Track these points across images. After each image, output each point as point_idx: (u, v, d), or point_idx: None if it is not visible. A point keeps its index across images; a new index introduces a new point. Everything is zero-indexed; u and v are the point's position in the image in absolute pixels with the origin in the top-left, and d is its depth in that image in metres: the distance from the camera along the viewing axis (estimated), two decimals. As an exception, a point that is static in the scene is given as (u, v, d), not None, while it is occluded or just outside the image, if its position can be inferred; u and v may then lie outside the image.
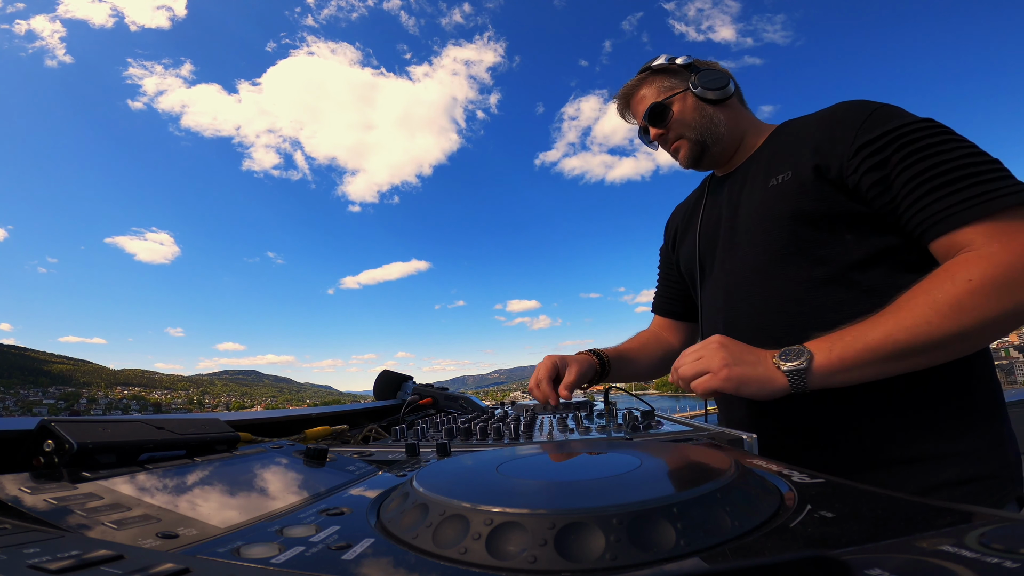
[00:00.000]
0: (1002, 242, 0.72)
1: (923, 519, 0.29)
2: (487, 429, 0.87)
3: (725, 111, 1.09)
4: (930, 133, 0.80)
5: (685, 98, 1.09)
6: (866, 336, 0.76)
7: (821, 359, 0.77)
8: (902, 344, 0.73)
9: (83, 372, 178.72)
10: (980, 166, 0.76)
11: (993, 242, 0.72)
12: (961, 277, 0.72)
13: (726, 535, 0.30)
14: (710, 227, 1.14)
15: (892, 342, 0.74)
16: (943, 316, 0.71)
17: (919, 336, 0.72)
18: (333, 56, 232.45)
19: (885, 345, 0.74)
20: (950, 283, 0.72)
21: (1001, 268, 0.70)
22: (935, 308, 0.72)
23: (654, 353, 1.34)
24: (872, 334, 0.75)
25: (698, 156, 1.12)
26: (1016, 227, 0.72)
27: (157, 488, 0.43)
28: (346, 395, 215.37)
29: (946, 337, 0.71)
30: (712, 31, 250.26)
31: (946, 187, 0.77)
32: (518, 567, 0.28)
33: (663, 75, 1.13)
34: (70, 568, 0.23)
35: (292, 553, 0.30)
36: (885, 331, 0.75)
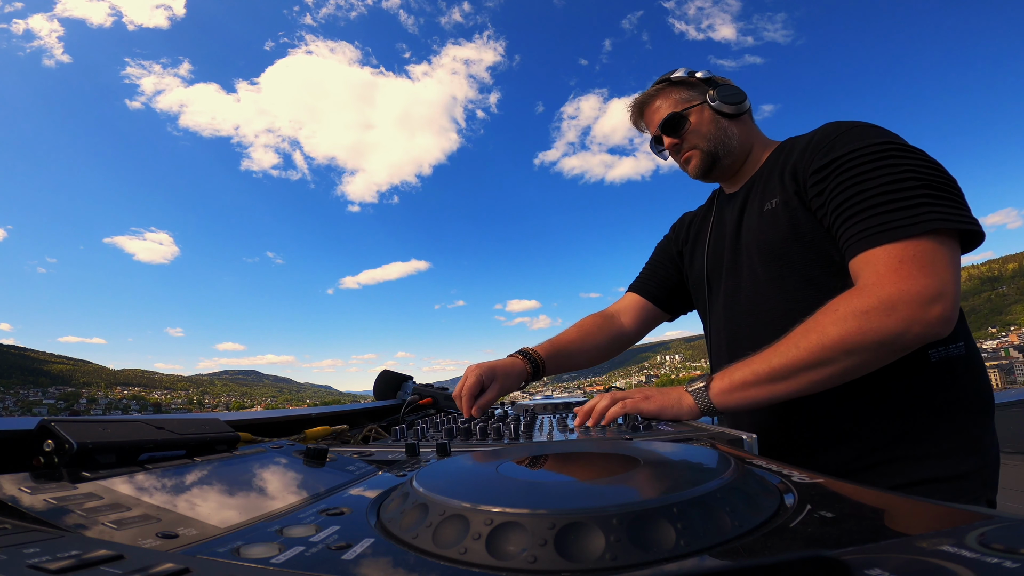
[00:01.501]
0: (879, 272, 0.77)
1: (923, 519, 0.29)
2: (487, 429, 0.87)
3: (738, 126, 1.12)
4: (870, 158, 0.83)
5: (703, 110, 1.12)
6: (753, 362, 0.86)
7: (717, 383, 0.89)
8: (777, 368, 0.82)
9: (83, 372, 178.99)
10: (898, 193, 0.79)
11: (873, 272, 0.78)
12: (832, 307, 0.79)
13: (726, 535, 0.30)
14: (716, 247, 1.17)
15: (768, 367, 0.83)
16: (809, 342, 0.79)
17: (790, 360, 0.80)
18: (332, 55, 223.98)
19: (764, 369, 0.83)
20: (823, 313, 0.80)
21: (867, 299, 0.75)
22: (805, 335, 0.80)
23: (598, 339, 1.36)
24: (757, 360, 0.85)
25: (709, 167, 1.14)
26: (899, 259, 0.76)
27: (157, 488, 0.43)
28: (346, 395, 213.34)
29: (813, 360, 0.78)
30: (712, 30, 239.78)
31: (859, 215, 0.82)
32: (518, 567, 0.28)
33: (681, 87, 1.15)
34: (70, 568, 0.23)
35: (292, 553, 0.30)
36: (765, 358, 0.84)
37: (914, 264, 0.75)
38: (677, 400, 0.92)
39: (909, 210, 0.77)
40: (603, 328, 1.37)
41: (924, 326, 0.74)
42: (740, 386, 0.86)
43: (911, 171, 0.80)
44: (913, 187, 0.79)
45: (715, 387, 0.89)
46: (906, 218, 0.77)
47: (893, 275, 0.75)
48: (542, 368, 1.25)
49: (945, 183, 0.80)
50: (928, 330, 0.74)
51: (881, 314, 0.74)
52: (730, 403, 0.88)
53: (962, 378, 0.90)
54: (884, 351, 0.76)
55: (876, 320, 0.74)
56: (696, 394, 0.91)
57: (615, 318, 1.40)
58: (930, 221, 0.76)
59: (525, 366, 1.21)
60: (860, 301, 0.76)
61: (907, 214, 0.77)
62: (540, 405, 1.32)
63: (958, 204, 0.79)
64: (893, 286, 0.75)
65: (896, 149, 0.83)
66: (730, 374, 0.88)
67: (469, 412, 1.08)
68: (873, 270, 0.78)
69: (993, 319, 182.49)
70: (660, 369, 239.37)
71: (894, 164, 0.81)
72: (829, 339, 0.77)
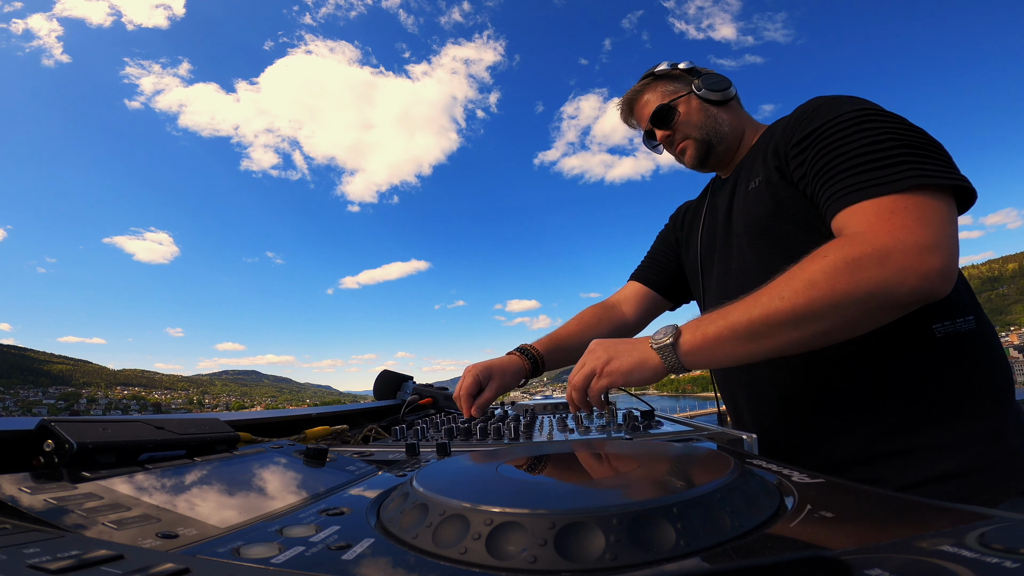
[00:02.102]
0: (870, 222, 0.71)
1: (923, 519, 0.29)
2: (487, 429, 0.87)
3: (727, 112, 1.13)
4: (846, 124, 0.80)
5: (690, 100, 1.13)
6: (728, 314, 0.76)
7: (687, 336, 0.79)
8: (756, 321, 0.73)
9: (83, 372, 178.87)
10: (879, 153, 0.75)
11: (862, 224, 0.72)
12: (820, 255, 0.71)
13: (726, 535, 0.30)
14: (710, 232, 1.17)
15: (747, 319, 0.74)
16: (794, 292, 0.71)
17: (771, 312, 0.72)
18: (332, 55, 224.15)
19: (741, 322, 0.74)
20: (809, 262, 0.72)
21: (858, 247, 0.69)
22: (789, 284, 0.72)
23: (598, 331, 1.34)
24: (733, 312, 0.76)
25: (704, 156, 1.14)
26: (889, 209, 0.71)
27: (157, 488, 0.43)
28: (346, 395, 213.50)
29: (797, 313, 0.70)
30: (712, 29, 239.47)
31: (840, 175, 0.77)
32: (518, 567, 0.28)
33: (666, 80, 1.16)
34: (70, 568, 0.23)
35: (292, 553, 0.30)
36: (744, 309, 0.75)
37: (907, 215, 0.69)
38: (641, 361, 0.83)
39: (894, 167, 0.73)
40: (603, 319, 1.36)
41: (920, 278, 0.66)
42: (714, 342, 0.77)
43: (889, 133, 0.77)
44: (894, 147, 0.75)
45: (685, 343, 0.80)
46: (893, 174, 0.73)
47: (886, 224, 0.70)
48: (541, 364, 1.24)
49: (927, 143, 0.76)
50: (924, 284, 0.67)
51: (874, 263, 0.67)
52: (699, 362, 0.80)
53: (973, 356, 0.83)
54: (875, 306, 0.69)
55: (868, 269, 0.67)
56: (663, 352, 0.81)
57: (616, 308, 1.39)
58: (918, 176, 0.71)
59: (523, 363, 1.20)
60: (851, 249, 0.70)
61: (893, 171, 0.73)
62: (540, 405, 1.32)
63: (944, 162, 0.75)
64: (887, 235, 0.68)
65: (873, 114, 0.80)
66: (703, 327, 0.79)
67: (468, 412, 1.08)
68: (863, 220, 0.73)
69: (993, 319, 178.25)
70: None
71: (872, 128, 0.78)
72: (817, 290, 0.69)
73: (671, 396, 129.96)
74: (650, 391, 16.12)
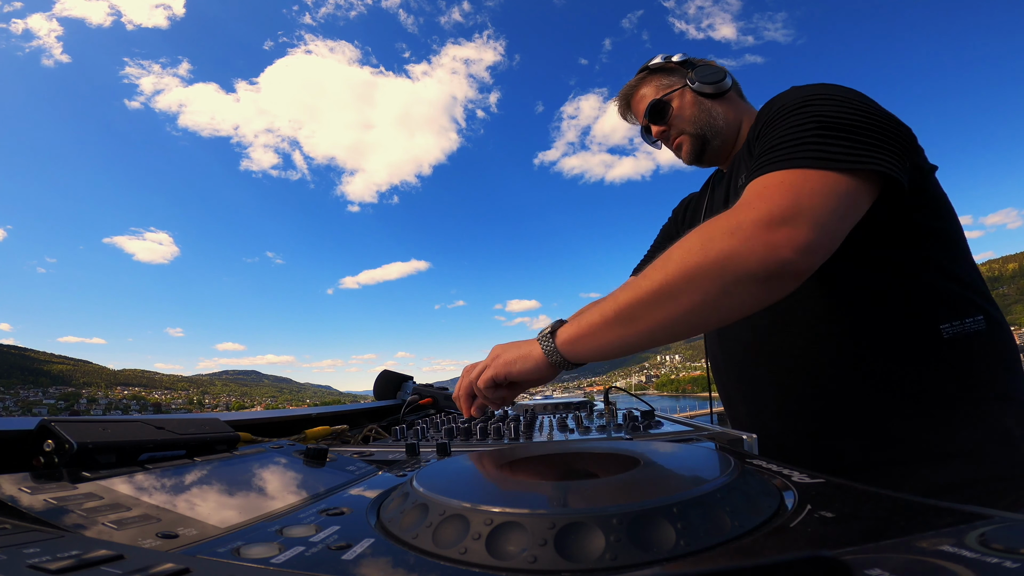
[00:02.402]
0: (742, 201, 0.69)
1: (923, 519, 0.29)
2: (487, 429, 0.87)
3: (723, 105, 1.10)
4: (787, 111, 0.77)
5: (684, 94, 1.11)
6: (602, 302, 0.75)
7: (565, 327, 0.78)
8: (623, 304, 0.71)
9: (83, 372, 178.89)
10: (793, 137, 0.72)
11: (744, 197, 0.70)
12: (693, 230, 0.69)
13: (726, 535, 0.30)
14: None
15: (615, 304, 0.72)
16: (655, 269, 0.69)
17: (638, 293, 0.69)
18: (331, 55, 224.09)
19: (611, 307, 0.72)
20: (683, 237, 0.70)
21: (716, 221, 0.67)
22: (653, 266, 0.70)
23: None
24: (606, 300, 0.75)
25: (699, 151, 1.12)
26: (764, 185, 0.68)
27: (157, 488, 0.43)
28: (346, 395, 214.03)
29: (658, 291, 0.67)
30: (712, 29, 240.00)
31: (759, 158, 0.75)
32: (518, 567, 0.28)
33: (661, 74, 1.15)
34: (70, 568, 0.23)
35: (292, 553, 0.30)
36: (614, 295, 0.73)
37: (776, 188, 0.67)
38: (524, 354, 0.81)
39: (796, 147, 0.70)
40: None
41: (767, 248, 0.63)
42: (588, 329, 0.75)
43: (819, 117, 0.73)
44: (811, 128, 0.72)
45: (562, 332, 0.78)
46: (787, 154, 0.70)
47: (753, 199, 0.67)
48: None
49: (859, 126, 0.71)
50: (772, 254, 0.63)
51: (725, 234, 0.65)
52: (579, 353, 0.77)
53: (983, 358, 0.80)
54: (730, 280, 0.64)
55: (719, 240, 0.65)
56: (543, 342, 0.79)
57: None
58: (807, 158, 0.68)
59: None
60: (710, 225, 0.68)
61: (790, 150, 0.70)
62: (540, 405, 1.32)
63: (862, 145, 0.69)
64: (747, 209, 0.66)
65: (817, 97, 0.76)
66: (579, 317, 0.77)
67: (468, 412, 1.08)
68: (741, 199, 0.70)
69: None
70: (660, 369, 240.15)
71: (807, 111, 0.75)
72: (673, 264, 0.67)
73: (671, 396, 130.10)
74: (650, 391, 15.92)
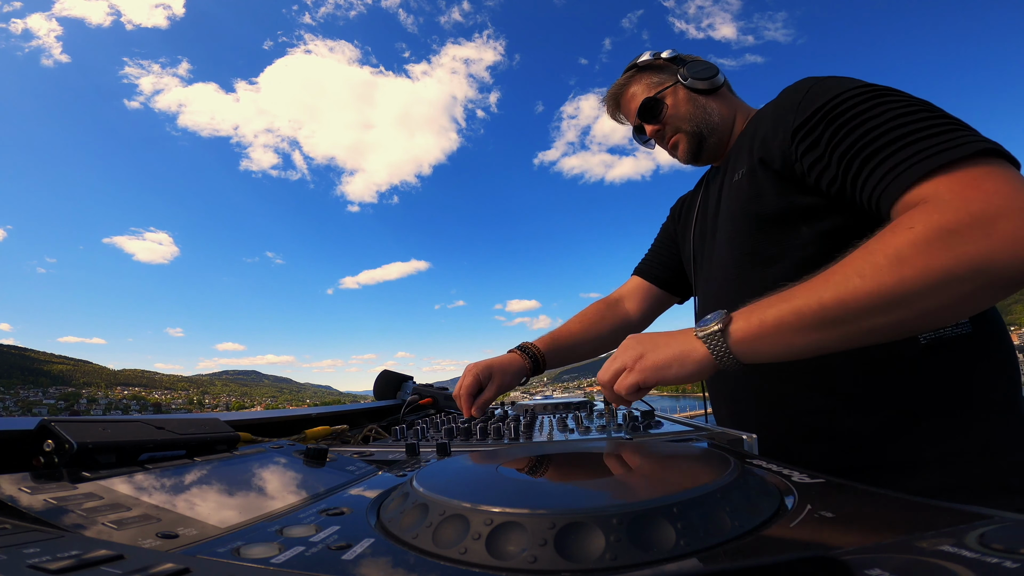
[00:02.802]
0: (955, 191, 0.61)
1: (923, 519, 0.29)
2: (487, 429, 0.87)
3: (717, 100, 1.08)
4: (861, 100, 0.72)
5: (676, 91, 1.08)
6: (792, 297, 0.65)
7: (740, 323, 0.68)
8: (829, 304, 0.62)
9: (83, 372, 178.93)
10: (921, 122, 0.66)
11: (946, 193, 0.61)
12: (904, 226, 0.61)
13: (726, 535, 0.30)
14: (702, 226, 1.13)
15: (817, 302, 0.62)
16: (878, 269, 0.60)
17: (849, 294, 0.61)
18: (331, 54, 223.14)
19: (810, 305, 0.63)
20: (891, 235, 0.61)
21: (952, 215, 0.58)
22: (869, 261, 0.61)
23: (601, 329, 1.30)
24: (798, 294, 0.65)
25: (696, 149, 1.10)
26: (972, 176, 0.61)
27: (157, 488, 0.43)
28: (346, 395, 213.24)
29: (884, 295, 0.59)
30: (712, 29, 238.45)
31: (884, 150, 0.67)
32: (518, 567, 0.28)
33: (650, 71, 1.12)
34: (70, 568, 0.23)
35: (292, 553, 0.30)
36: (811, 290, 0.64)
37: (997, 180, 0.59)
38: (681, 354, 0.71)
39: (950, 134, 0.63)
40: (606, 316, 1.32)
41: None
42: (774, 329, 0.65)
43: (916, 104, 0.68)
44: (928, 116, 0.66)
45: (737, 330, 0.67)
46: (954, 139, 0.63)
47: (976, 191, 0.59)
48: (542, 362, 1.21)
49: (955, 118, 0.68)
50: None
51: (977, 231, 0.56)
52: (758, 354, 0.67)
53: (967, 363, 0.75)
54: (981, 284, 0.57)
55: (972, 240, 0.56)
56: (710, 341, 0.68)
57: (619, 304, 1.35)
58: (981, 141, 0.62)
59: (524, 361, 1.18)
60: (945, 216, 0.58)
61: (950, 137, 0.63)
62: (540, 405, 1.32)
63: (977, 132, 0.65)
64: (983, 201, 0.57)
65: (883, 90, 0.73)
66: (759, 312, 0.67)
67: (469, 412, 1.07)
68: (945, 189, 0.61)
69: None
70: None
71: (895, 99, 0.70)
72: (909, 267, 0.57)
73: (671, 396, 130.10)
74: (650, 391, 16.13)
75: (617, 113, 1.21)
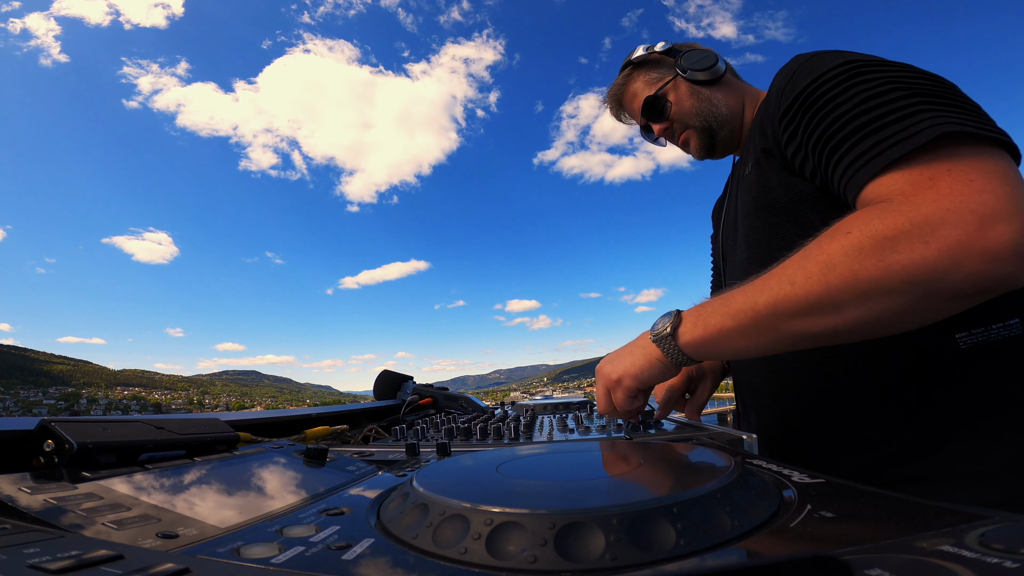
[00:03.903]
0: (909, 190, 0.56)
1: (923, 519, 0.29)
2: (487, 429, 0.87)
3: (722, 90, 1.01)
4: (835, 82, 0.67)
5: (677, 85, 1.02)
6: (732, 300, 0.63)
7: (687, 326, 0.68)
8: (762, 310, 0.60)
9: (83, 372, 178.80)
10: (889, 104, 0.61)
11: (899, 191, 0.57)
12: (842, 231, 0.57)
13: (726, 535, 0.30)
14: (728, 225, 1.07)
15: (752, 307, 0.61)
16: (808, 276, 0.57)
17: (781, 299, 0.58)
18: (330, 54, 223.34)
19: (745, 310, 0.61)
20: (828, 239, 0.58)
21: (892, 219, 0.54)
22: (803, 267, 0.58)
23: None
24: (737, 297, 0.63)
25: (709, 144, 1.04)
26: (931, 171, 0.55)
27: (157, 488, 0.43)
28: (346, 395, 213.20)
29: (811, 303, 0.57)
30: (712, 28, 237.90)
31: (847, 141, 0.63)
32: (518, 567, 0.28)
33: (647, 67, 1.07)
34: (70, 568, 0.23)
35: (292, 553, 0.30)
36: (749, 294, 0.62)
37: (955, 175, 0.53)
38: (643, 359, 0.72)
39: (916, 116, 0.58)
40: None
41: (984, 258, 0.49)
42: (716, 334, 0.65)
43: (892, 81, 0.62)
44: (903, 96, 0.60)
45: (684, 334, 0.68)
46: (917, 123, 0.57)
47: (927, 190, 0.54)
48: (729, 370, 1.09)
49: (945, 89, 0.61)
50: (991, 267, 0.49)
51: (915, 239, 0.51)
52: (706, 355, 0.69)
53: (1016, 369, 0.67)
54: (918, 296, 0.52)
55: (907, 248, 0.51)
56: (663, 345, 0.69)
57: None
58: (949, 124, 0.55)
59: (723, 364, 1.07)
60: (883, 222, 0.54)
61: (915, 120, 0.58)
62: (540, 405, 1.32)
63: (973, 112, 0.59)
64: (931, 202, 0.53)
65: (864, 65, 0.66)
66: (704, 314, 0.67)
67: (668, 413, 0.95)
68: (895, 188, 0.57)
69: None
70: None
71: (869, 79, 0.64)
72: (836, 275, 0.55)
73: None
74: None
75: (621, 114, 1.17)
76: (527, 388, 14.24)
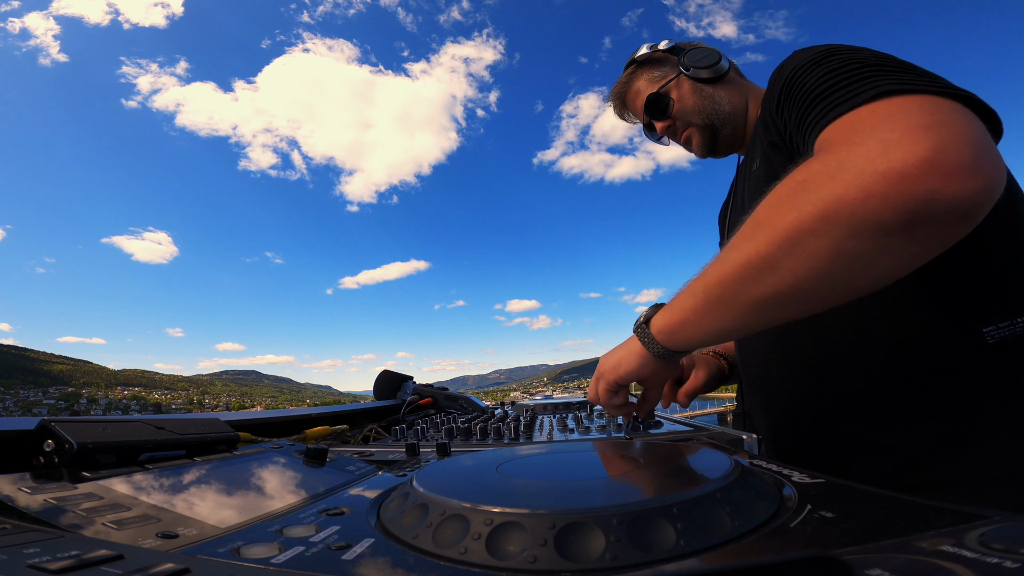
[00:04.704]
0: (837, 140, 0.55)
1: (923, 519, 0.29)
2: (487, 429, 0.87)
3: (725, 88, 1.02)
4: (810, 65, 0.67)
5: (680, 83, 1.03)
6: (694, 281, 0.62)
7: (661, 313, 0.67)
8: (712, 283, 0.58)
9: (83, 372, 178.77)
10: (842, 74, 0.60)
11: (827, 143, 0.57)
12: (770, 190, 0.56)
13: (726, 535, 0.30)
14: (735, 218, 1.06)
15: (706, 281, 0.59)
16: (743, 237, 0.56)
17: (726, 269, 0.56)
18: (330, 53, 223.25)
19: (703, 286, 0.60)
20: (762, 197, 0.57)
21: (813, 165, 0.53)
22: (742, 230, 0.57)
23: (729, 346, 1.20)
24: (698, 276, 0.61)
25: (711, 142, 1.05)
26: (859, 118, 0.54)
27: (157, 488, 0.43)
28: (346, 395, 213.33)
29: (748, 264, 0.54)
30: (713, 27, 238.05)
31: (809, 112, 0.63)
32: (518, 567, 0.28)
33: (650, 65, 1.08)
34: (70, 568, 0.23)
35: (292, 553, 0.30)
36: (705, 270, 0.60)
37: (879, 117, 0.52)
38: (625, 352, 0.72)
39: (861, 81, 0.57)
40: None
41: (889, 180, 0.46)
42: (682, 318, 0.64)
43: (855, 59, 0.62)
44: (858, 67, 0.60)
45: (657, 321, 0.67)
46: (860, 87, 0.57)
47: (849, 134, 0.53)
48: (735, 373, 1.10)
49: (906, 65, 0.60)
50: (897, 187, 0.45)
51: (824, 177, 0.50)
52: (682, 343, 0.66)
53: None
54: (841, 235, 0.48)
55: (816, 186, 0.50)
56: (640, 334, 0.69)
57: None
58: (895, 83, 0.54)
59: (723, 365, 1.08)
60: (801, 170, 0.53)
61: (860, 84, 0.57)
62: (540, 405, 1.32)
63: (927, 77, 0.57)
64: (844, 143, 0.52)
65: (838, 48, 0.68)
66: (674, 300, 0.66)
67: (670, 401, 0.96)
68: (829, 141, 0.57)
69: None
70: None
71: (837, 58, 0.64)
72: (763, 230, 0.53)
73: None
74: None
75: (624, 112, 1.17)
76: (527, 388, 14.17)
